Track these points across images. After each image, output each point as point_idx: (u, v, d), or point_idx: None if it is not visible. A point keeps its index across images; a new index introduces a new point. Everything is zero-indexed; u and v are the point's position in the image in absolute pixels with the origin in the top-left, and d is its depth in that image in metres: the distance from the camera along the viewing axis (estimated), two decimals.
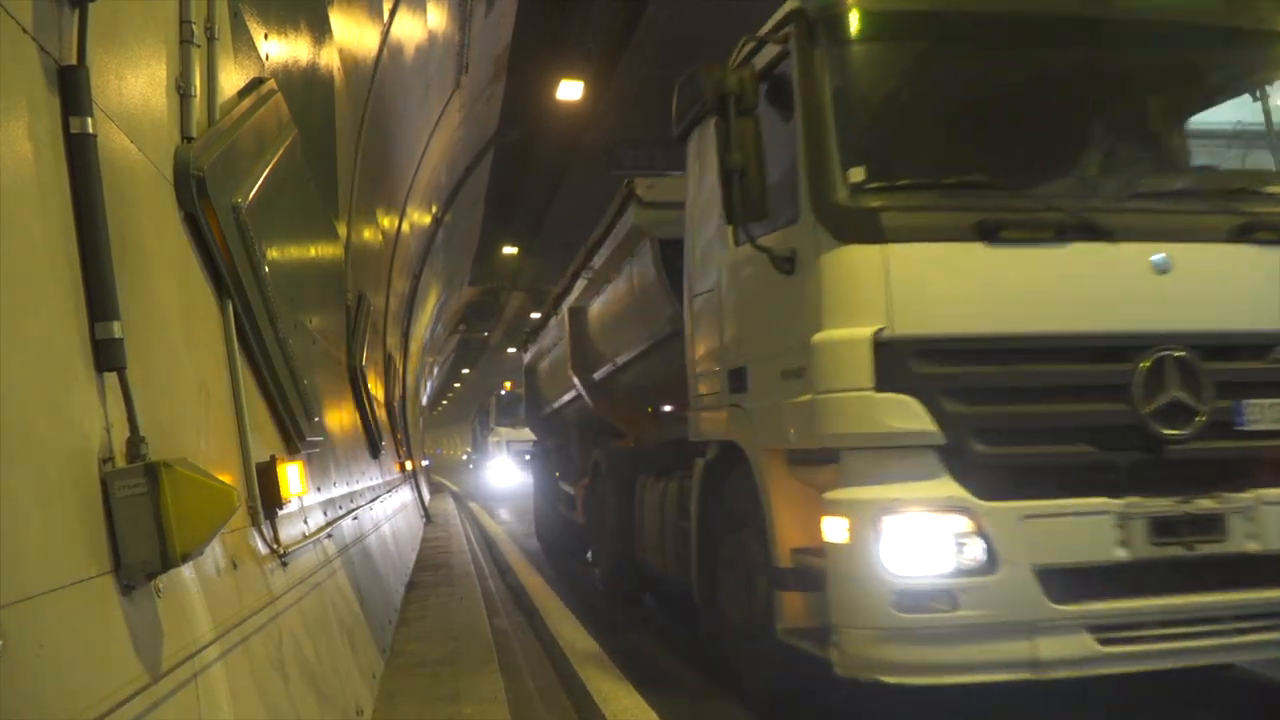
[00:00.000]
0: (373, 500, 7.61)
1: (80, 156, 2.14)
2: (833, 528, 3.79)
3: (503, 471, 31.30)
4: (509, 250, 25.98)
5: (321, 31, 6.12)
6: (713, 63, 4.27)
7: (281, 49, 4.80)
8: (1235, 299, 3.92)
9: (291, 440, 4.21)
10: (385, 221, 11.24)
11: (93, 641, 1.92)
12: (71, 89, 2.13)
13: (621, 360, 7.73)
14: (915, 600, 3.57)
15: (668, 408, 7.31)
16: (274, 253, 4.03)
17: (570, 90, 14.79)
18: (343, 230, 7.34)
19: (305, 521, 4.36)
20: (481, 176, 18.70)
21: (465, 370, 53.35)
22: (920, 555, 3.59)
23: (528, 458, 16.28)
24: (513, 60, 14.40)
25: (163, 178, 2.86)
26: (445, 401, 63.73)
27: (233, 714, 2.56)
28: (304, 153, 4.98)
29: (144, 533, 2.08)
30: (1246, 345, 3.91)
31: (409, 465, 14.51)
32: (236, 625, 2.83)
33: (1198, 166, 4.72)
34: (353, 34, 7.40)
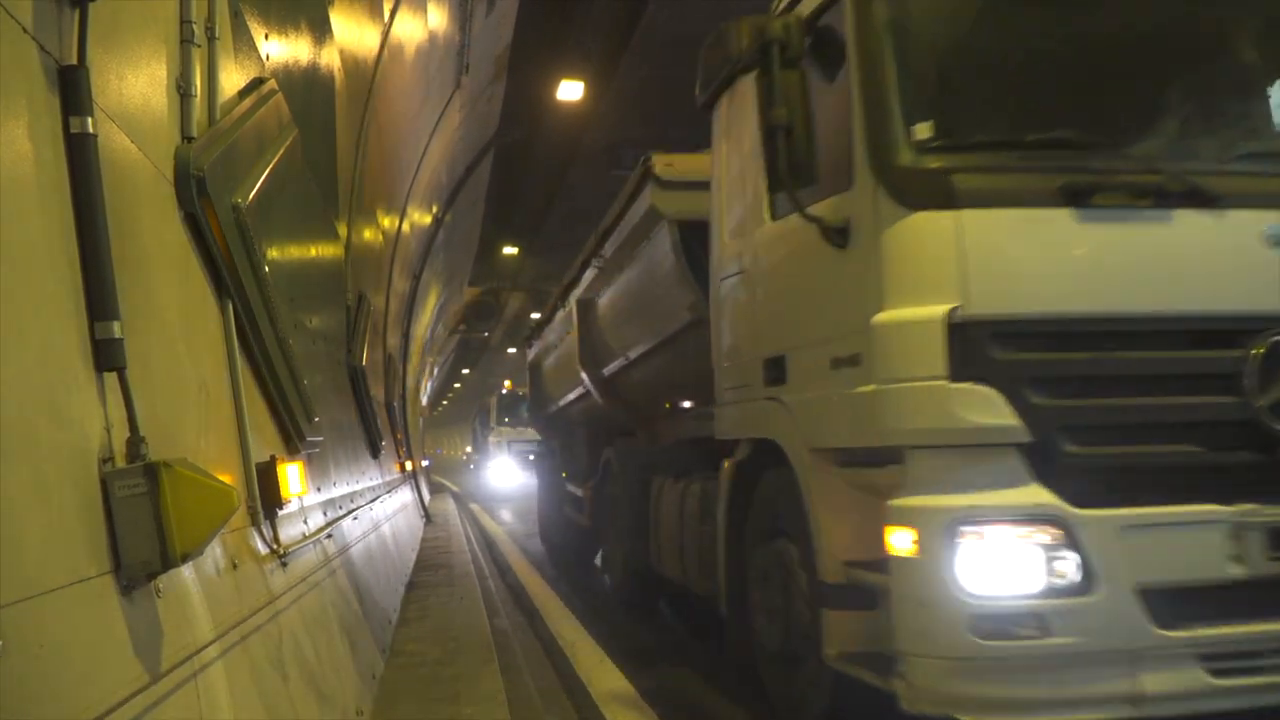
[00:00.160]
0: (373, 500, 7.61)
1: (80, 156, 2.14)
2: (898, 540, 3.30)
3: (503, 472, 31.27)
4: (509, 250, 25.96)
5: (322, 31, 6.12)
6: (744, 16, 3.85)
7: (282, 49, 4.80)
8: None
9: (291, 440, 4.21)
10: (385, 221, 11.24)
11: (92, 641, 1.92)
12: (72, 89, 2.13)
13: (635, 354, 7.31)
14: (997, 625, 3.09)
15: (687, 404, 6.93)
16: (274, 253, 4.04)
17: (570, 90, 14.79)
18: (343, 230, 7.34)
19: (305, 521, 4.36)
20: (482, 176, 18.71)
21: (465, 370, 53.35)
22: (1003, 572, 3.11)
23: (531, 458, 16.04)
24: (513, 60, 14.41)
25: (163, 178, 2.86)
26: (445, 402, 63.73)
27: (232, 714, 2.56)
28: (304, 153, 4.99)
29: (144, 533, 2.09)
30: None
31: (409, 465, 14.52)
32: (236, 625, 2.83)
33: None
34: (353, 34, 7.41)
